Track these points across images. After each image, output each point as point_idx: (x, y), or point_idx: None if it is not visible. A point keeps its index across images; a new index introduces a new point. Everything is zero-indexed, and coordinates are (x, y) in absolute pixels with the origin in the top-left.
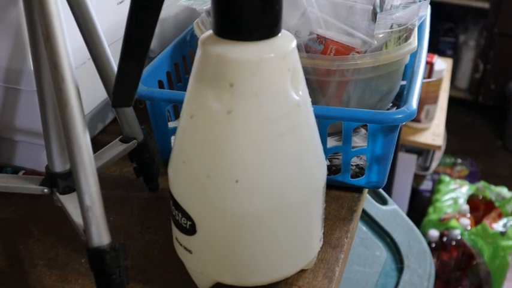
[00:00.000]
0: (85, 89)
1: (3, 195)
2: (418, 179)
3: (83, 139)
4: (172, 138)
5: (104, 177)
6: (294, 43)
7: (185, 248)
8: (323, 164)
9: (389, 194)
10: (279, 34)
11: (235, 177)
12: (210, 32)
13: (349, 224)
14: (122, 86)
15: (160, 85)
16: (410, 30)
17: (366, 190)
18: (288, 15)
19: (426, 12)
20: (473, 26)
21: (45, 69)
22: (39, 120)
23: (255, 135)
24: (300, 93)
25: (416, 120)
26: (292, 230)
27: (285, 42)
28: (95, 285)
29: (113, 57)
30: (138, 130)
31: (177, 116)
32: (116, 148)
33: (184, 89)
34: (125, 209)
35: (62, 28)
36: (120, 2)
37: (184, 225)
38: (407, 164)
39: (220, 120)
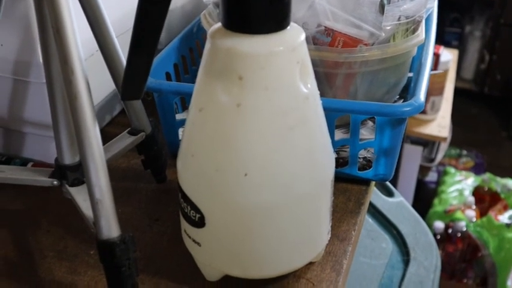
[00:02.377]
0: (92, 81)
1: (12, 187)
2: (423, 170)
3: (93, 131)
4: (180, 130)
5: (112, 169)
6: (303, 36)
7: (194, 241)
8: (332, 156)
9: (395, 185)
10: (288, 27)
11: (244, 170)
12: (219, 24)
13: (357, 216)
14: (131, 79)
15: (168, 77)
16: (418, 22)
17: (373, 183)
18: (296, 7)
19: (434, 4)
20: (479, 17)
21: (55, 62)
22: (48, 112)
23: (264, 129)
24: (309, 86)
25: (422, 111)
26: (300, 223)
27: (294, 35)
28: (104, 276)
29: (120, 49)
30: (146, 122)
31: (184, 108)
32: (124, 140)
33: (191, 80)
34: (133, 201)
35: (71, 21)
36: None
37: (193, 218)
38: (412, 156)
39: (229, 113)
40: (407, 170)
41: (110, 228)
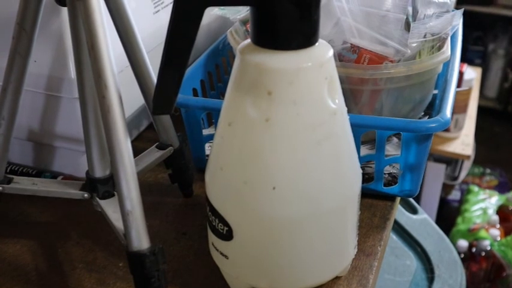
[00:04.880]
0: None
1: (42, 199)
2: (446, 188)
3: (125, 144)
4: (206, 145)
5: (139, 183)
6: (331, 52)
7: (221, 253)
8: (358, 171)
9: (418, 203)
10: (316, 43)
11: (273, 183)
12: (248, 41)
13: (382, 232)
14: (162, 93)
15: (194, 93)
16: (444, 40)
17: (398, 198)
18: (322, 24)
19: (459, 21)
20: (502, 35)
21: (88, 77)
22: (79, 126)
23: (293, 143)
24: (337, 102)
25: (446, 129)
26: (328, 237)
27: (322, 51)
28: None
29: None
30: (174, 137)
31: (210, 123)
32: (153, 154)
33: (217, 96)
34: (160, 214)
35: (106, 37)
36: (156, 12)
37: (221, 231)
38: (436, 174)
39: (258, 127)
40: (430, 188)
41: (140, 239)
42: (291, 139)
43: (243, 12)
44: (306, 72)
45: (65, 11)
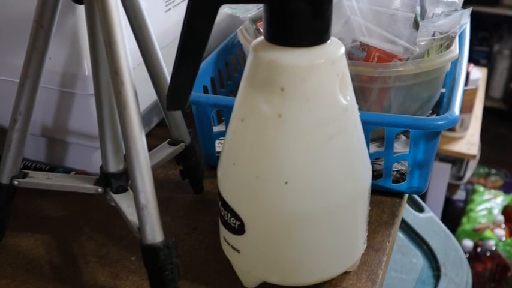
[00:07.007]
0: None
1: (56, 194)
2: (451, 188)
3: (140, 140)
4: (216, 142)
5: None
6: (343, 49)
7: (233, 248)
8: (368, 166)
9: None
10: (328, 41)
11: (285, 178)
12: (261, 38)
13: (391, 228)
14: (176, 89)
15: (205, 90)
16: (452, 38)
17: (407, 195)
18: (332, 23)
19: (467, 20)
20: (508, 35)
21: (104, 74)
22: (92, 123)
23: (305, 138)
24: (348, 98)
25: (451, 129)
26: (338, 231)
27: (334, 49)
28: (144, 282)
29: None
30: (186, 133)
31: (220, 120)
32: (165, 150)
33: (227, 94)
34: (172, 210)
35: (122, 35)
36: (167, 11)
37: (233, 225)
38: (441, 173)
39: (271, 123)
40: (435, 187)
41: (154, 233)
42: (303, 135)
43: (253, 10)
44: (319, 68)
45: (80, 8)
